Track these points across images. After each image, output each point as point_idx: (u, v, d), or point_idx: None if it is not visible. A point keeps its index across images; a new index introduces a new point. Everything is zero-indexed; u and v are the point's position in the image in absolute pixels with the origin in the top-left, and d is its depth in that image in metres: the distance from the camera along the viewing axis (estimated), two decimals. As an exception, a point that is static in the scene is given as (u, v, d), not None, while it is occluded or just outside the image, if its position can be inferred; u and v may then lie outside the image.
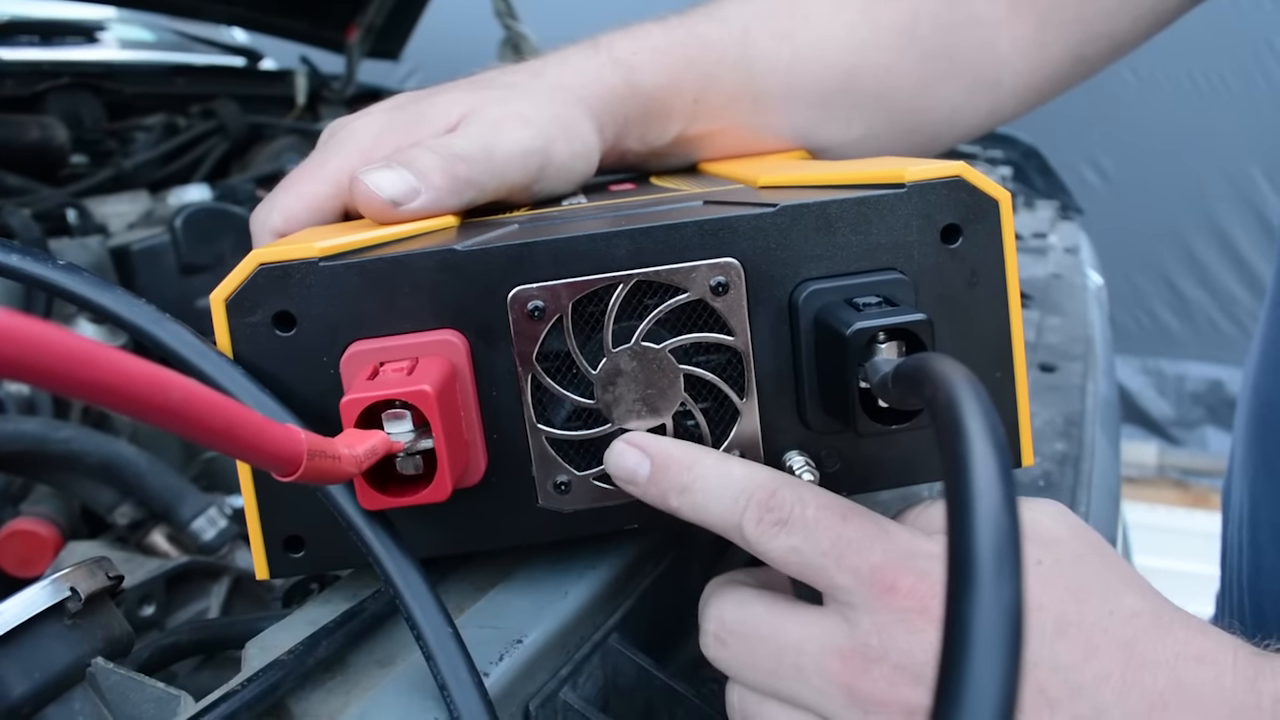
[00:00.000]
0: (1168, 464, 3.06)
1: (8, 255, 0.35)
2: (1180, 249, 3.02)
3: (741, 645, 0.34)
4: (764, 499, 0.32)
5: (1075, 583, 0.31)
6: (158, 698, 0.36)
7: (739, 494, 0.33)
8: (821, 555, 0.31)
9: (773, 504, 0.32)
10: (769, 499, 0.32)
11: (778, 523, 0.32)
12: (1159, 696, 0.29)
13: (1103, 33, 0.60)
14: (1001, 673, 0.16)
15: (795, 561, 0.32)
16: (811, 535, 0.32)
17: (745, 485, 0.33)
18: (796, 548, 0.32)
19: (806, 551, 0.32)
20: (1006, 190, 0.36)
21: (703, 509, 0.34)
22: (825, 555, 0.31)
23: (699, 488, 0.34)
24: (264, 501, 0.37)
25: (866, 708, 0.31)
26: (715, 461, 0.34)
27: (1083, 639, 0.30)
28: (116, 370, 0.19)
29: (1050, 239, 1.28)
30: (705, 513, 0.34)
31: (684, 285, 0.35)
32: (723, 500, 0.33)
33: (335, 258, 0.35)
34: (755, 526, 0.32)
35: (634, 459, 0.35)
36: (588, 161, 0.48)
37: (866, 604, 0.31)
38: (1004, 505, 0.19)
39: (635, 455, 0.35)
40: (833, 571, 0.31)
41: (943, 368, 0.25)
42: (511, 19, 1.52)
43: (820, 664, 0.31)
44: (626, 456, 0.35)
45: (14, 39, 1.46)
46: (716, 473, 0.34)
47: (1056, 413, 0.73)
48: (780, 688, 0.33)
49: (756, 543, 0.32)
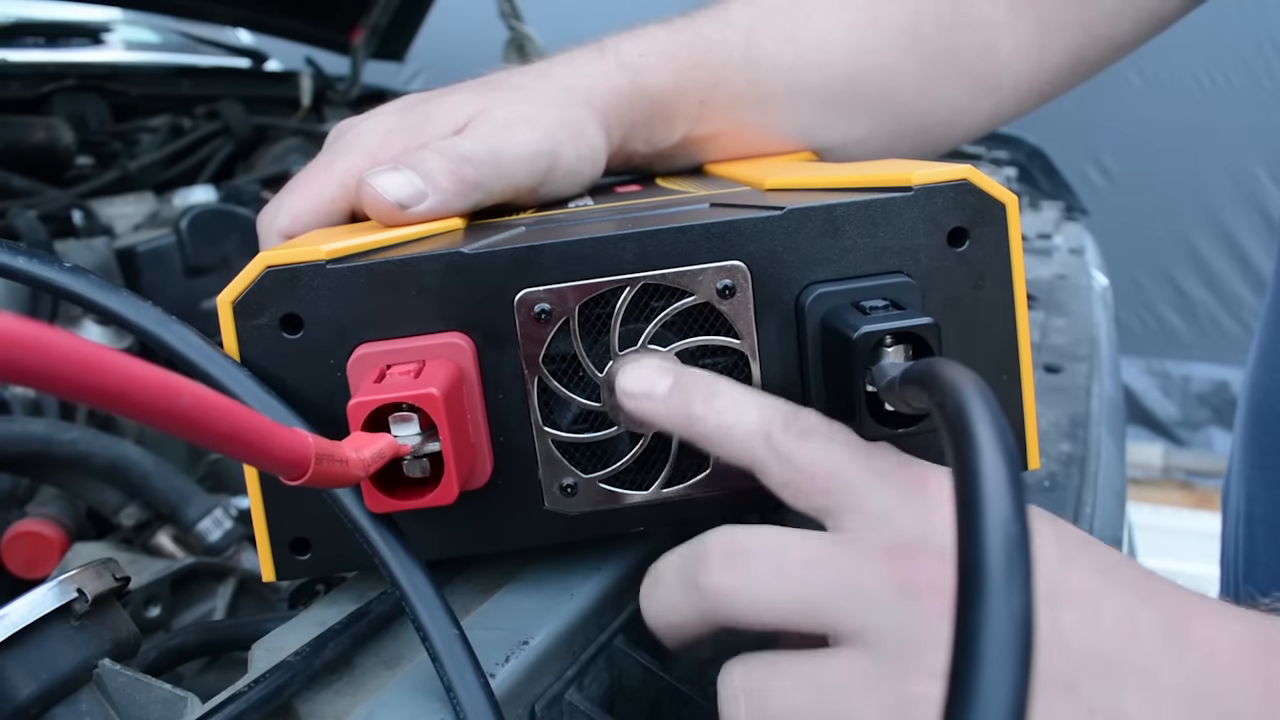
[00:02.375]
0: (1173, 465, 3.05)
1: (13, 257, 0.35)
2: (1185, 250, 3.01)
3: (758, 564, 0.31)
4: (790, 411, 0.33)
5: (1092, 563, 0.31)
6: (164, 699, 0.36)
7: (765, 406, 0.33)
8: (847, 462, 0.32)
9: (801, 415, 0.33)
10: (795, 412, 0.33)
11: (802, 432, 0.32)
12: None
13: (1105, 34, 0.60)
14: (1013, 680, 0.16)
15: (826, 464, 0.32)
16: (835, 441, 0.32)
17: (769, 400, 0.34)
18: (829, 450, 0.32)
19: (831, 458, 0.32)
20: (1013, 193, 0.36)
21: (729, 414, 0.33)
22: (852, 460, 0.32)
23: (726, 394, 0.34)
24: (270, 504, 0.37)
25: (920, 596, 0.29)
26: (736, 388, 0.34)
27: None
28: (124, 376, 0.19)
29: (1055, 240, 1.27)
30: (733, 418, 0.33)
31: (690, 288, 0.35)
32: (751, 407, 0.33)
33: (342, 260, 0.35)
34: (784, 430, 0.32)
35: (653, 369, 0.34)
36: (594, 164, 0.48)
37: (902, 500, 0.31)
38: (1014, 512, 0.19)
39: (654, 365, 0.35)
40: (863, 473, 0.32)
41: (951, 373, 0.24)
42: (516, 20, 1.52)
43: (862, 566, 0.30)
44: (643, 367, 0.35)
45: (19, 40, 1.46)
46: (740, 390, 0.34)
47: (1062, 414, 0.73)
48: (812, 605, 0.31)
49: (784, 446, 0.32)
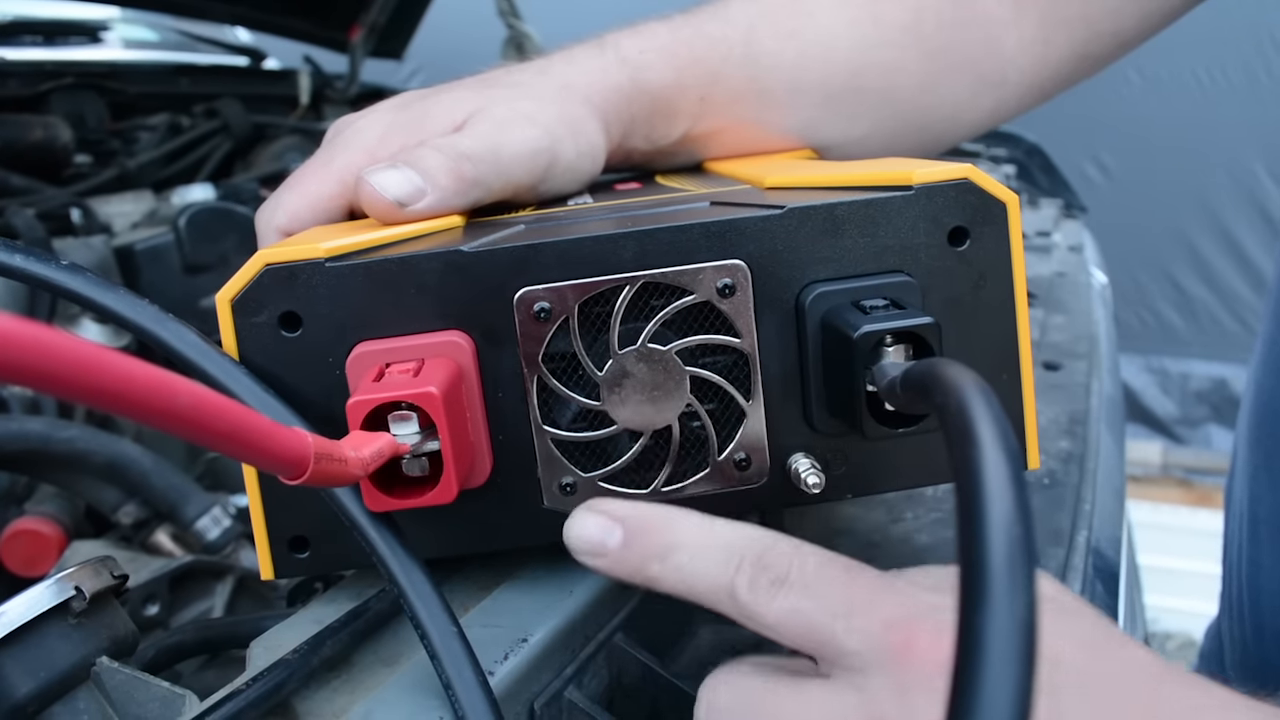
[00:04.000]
0: (1172, 463, 3.05)
1: (11, 256, 0.35)
2: (1184, 247, 3.01)
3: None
4: (758, 555, 0.29)
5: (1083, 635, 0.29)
6: (162, 697, 0.36)
7: (730, 553, 0.29)
8: (828, 615, 0.28)
9: (768, 560, 0.29)
10: (764, 554, 0.29)
11: (775, 581, 0.28)
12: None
13: (1107, 30, 0.60)
14: (1016, 682, 0.16)
15: (797, 624, 0.28)
16: (814, 593, 0.28)
17: (735, 542, 0.29)
18: (798, 608, 0.28)
19: (810, 611, 0.28)
20: (1014, 192, 0.36)
21: (689, 572, 0.29)
22: (832, 615, 0.28)
23: (683, 548, 0.29)
24: (269, 502, 0.37)
25: None
26: (698, 520, 0.30)
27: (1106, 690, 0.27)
28: (121, 375, 0.19)
29: (1054, 237, 1.27)
30: (692, 577, 0.29)
31: (690, 287, 0.35)
32: (712, 561, 0.29)
33: (341, 258, 0.35)
34: (749, 588, 0.29)
35: (599, 526, 0.30)
36: (594, 161, 0.47)
37: (881, 667, 0.27)
38: (1017, 513, 0.19)
39: (600, 521, 0.30)
40: (841, 634, 0.28)
41: (953, 373, 0.24)
42: (515, 18, 1.52)
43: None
44: (588, 524, 0.31)
45: (18, 39, 1.46)
46: (701, 531, 0.30)
47: (1061, 411, 0.73)
48: None
49: (752, 606, 0.29)
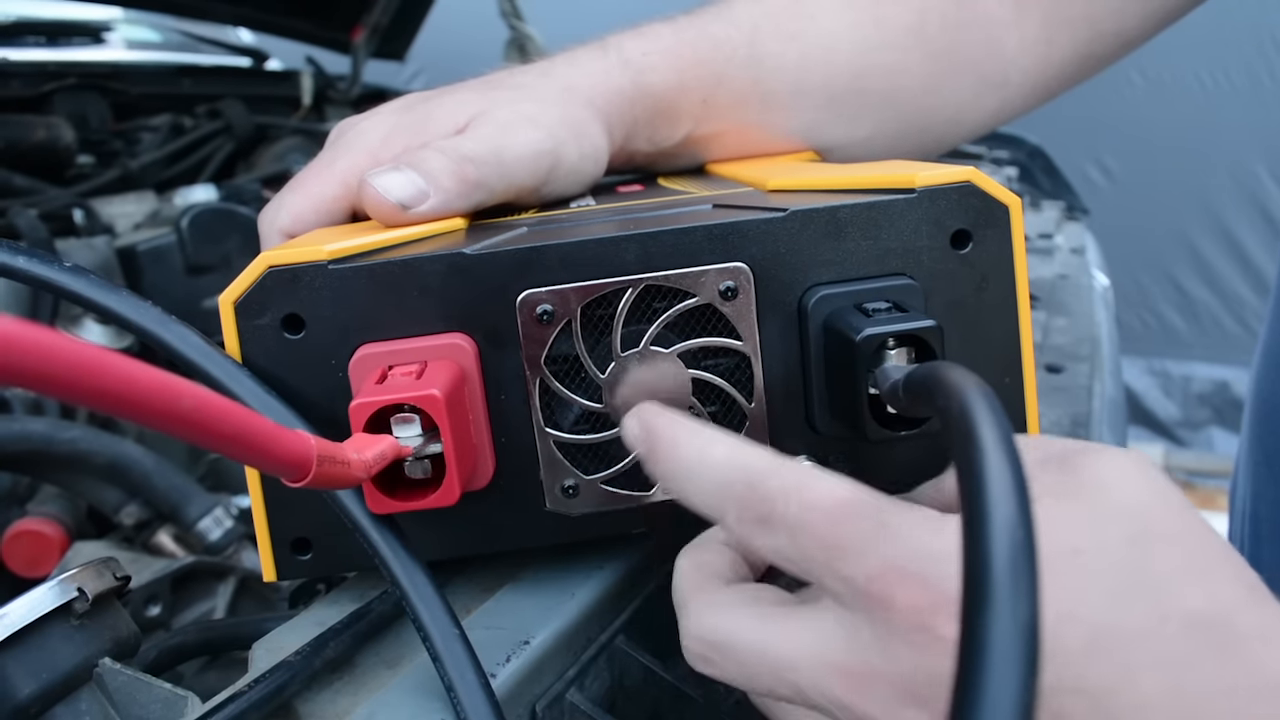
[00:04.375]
0: (1174, 465, 3.05)
1: (14, 257, 0.35)
2: (1186, 249, 3.01)
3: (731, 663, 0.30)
4: (743, 493, 0.29)
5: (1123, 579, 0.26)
6: (165, 698, 0.36)
7: (719, 485, 0.29)
8: (809, 561, 0.28)
9: (753, 499, 0.28)
10: (749, 493, 0.29)
11: (759, 520, 0.28)
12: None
13: (1111, 30, 0.60)
14: (1018, 692, 0.16)
15: (783, 562, 0.29)
16: (796, 538, 0.28)
17: (726, 474, 0.29)
18: (779, 549, 0.28)
19: (792, 555, 0.28)
20: (1017, 195, 0.36)
21: (690, 499, 0.30)
22: (814, 561, 0.28)
23: (681, 475, 0.30)
24: (271, 504, 0.37)
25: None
26: (700, 443, 0.30)
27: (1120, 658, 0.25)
28: (123, 378, 0.19)
29: (1056, 240, 1.27)
30: (691, 504, 0.30)
31: (693, 290, 0.35)
32: (704, 491, 0.30)
33: (344, 260, 0.35)
34: (737, 523, 0.29)
35: (634, 434, 0.32)
36: (596, 163, 0.47)
37: (865, 612, 0.27)
38: (1020, 517, 0.19)
39: (635, 430, 0.32)
40: (824, 576, 0.28)
41: (955, 377, 0.24)
42: (517, 20, 1.52)
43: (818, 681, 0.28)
44: (630, 429, 0.32)
45: (20, 39, 1.46)
46: (697, 457, 0.30)
47: (1063, 413, 0.73)
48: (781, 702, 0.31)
49: (743, 539, 0.29)
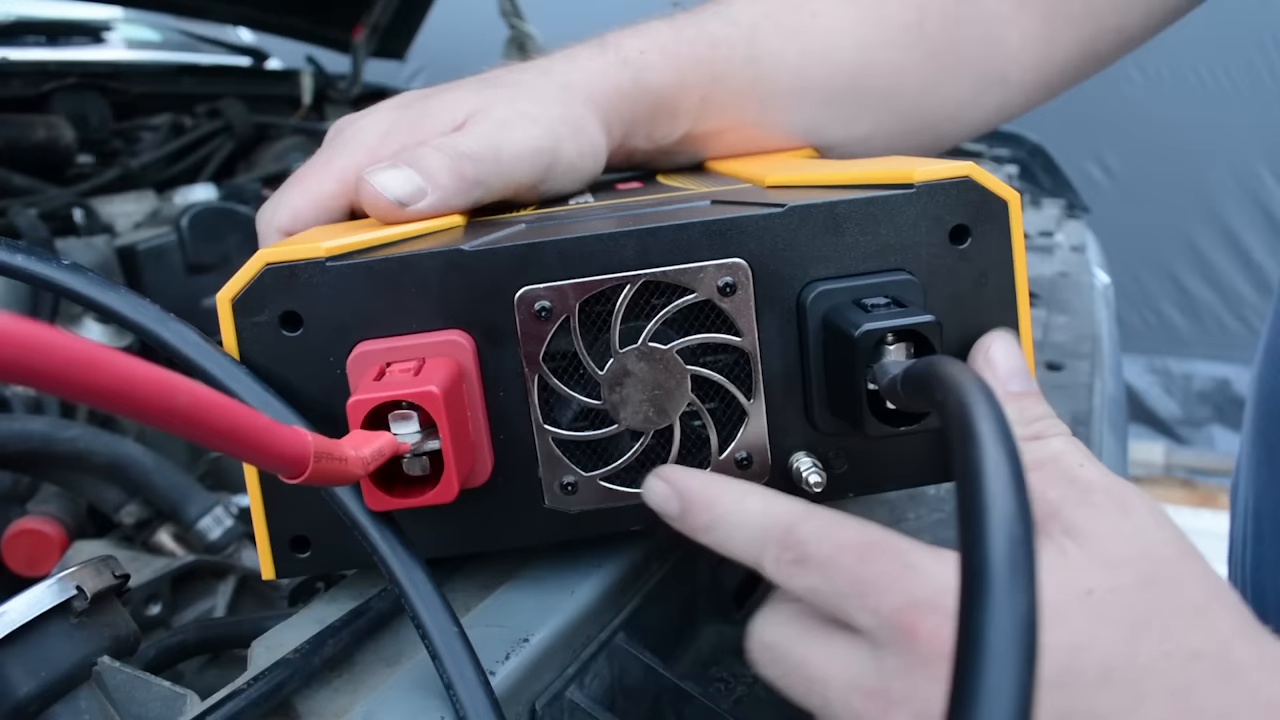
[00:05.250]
0: (1175, 463, 3.05)
1: (13, 255, 0.35)
2: (1187, 247, 3.01)
3: (775, 667, 0.33)
4: (780, 537, 0.32)
5: (1132, 616, 0.29)
6: (164, 696, 0.36)
7: (756, 531, 0.33)
8: (840, 597, 0.31)
9: (789, 542, 0.32)
10: (785, 537, 0.32)
11: (795, 561, 0.31)
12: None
13: (1112, 26, 0.60)
14: (1015, 683, 0.16)
15: (816, 600, 0.31)
16: (828, 575, 0.31)
17: (762, 521, 0.33)
18: (815, 588, 0.31)
19: (825, 591, 0.31)
20: (1015, 190, 0.36)
21: (727, 547, 0.34)
22: (844, 597, 0.31)
23: (720, 526, 0.33)
24: (270, 502, 0.37)
25: None
26: (734, 497, 0.34)
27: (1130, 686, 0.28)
28: (122, 375, 0.19)
29: (1057, 237, 1.27)
30: (730, 551, 0.34)
31: (691, 286, 0.35)
32: (743, 539, 0.33)
33: (342, 258, 0.35)
34: (774, 565, 0.32)
35: (663, 495, 0.35)
36: (595, 160, 0.47)
37: (891, 644, 0.30)
38: (1017, 512, 0.19)
39: (664, 490, 0.35)
40: (853, 611, 0.30)
41: (954, 372, 0.24)
42: (517, 18, 1.52)
43: (846, 700, 0.31)
44: (656, 491, 0.35)
45: (20, 39, 1.46)
46: (734, 509, 0.33)
47: (1064, 411, 0.73)
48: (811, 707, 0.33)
49: (779, 579, 0.32)
